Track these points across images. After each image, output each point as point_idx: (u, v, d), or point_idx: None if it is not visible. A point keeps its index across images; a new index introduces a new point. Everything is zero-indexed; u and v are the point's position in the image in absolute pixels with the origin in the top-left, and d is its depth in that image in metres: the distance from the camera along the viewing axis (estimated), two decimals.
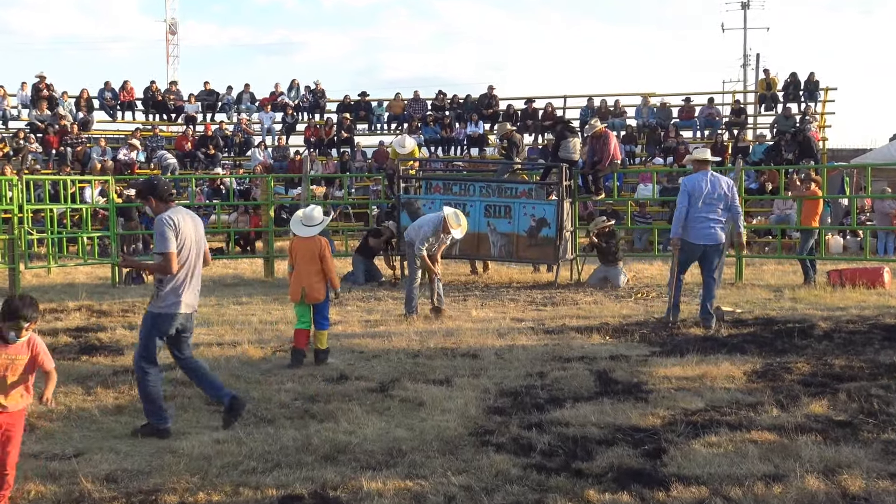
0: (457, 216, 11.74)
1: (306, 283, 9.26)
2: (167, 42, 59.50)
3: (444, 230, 11.67)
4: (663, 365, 8.73)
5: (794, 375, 8.20)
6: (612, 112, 28.13)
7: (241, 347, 9.92)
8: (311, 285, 9.25)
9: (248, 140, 29.23)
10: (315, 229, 9.31)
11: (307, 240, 9.31)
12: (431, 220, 11.87)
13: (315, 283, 9.24)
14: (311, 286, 9.25)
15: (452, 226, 11.58)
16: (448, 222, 11.57)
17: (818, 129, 26.17)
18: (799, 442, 6.07)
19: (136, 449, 6.32)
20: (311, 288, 9.25)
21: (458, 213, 11.86)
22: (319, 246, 9.22)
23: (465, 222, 11.94)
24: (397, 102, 30.14)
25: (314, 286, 9.24)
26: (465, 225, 12.03)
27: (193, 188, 23.24)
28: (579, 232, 17.35)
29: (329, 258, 9.24)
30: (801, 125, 25.68)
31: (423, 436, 6.43)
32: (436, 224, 11.71)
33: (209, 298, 14.02)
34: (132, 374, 8.56)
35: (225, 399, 6.82)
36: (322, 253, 9.20)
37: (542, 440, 6.27)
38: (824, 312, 11.87)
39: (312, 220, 9.36)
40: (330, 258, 9.26)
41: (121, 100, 29.87)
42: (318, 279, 9.24)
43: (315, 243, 9.25)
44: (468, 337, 10.39)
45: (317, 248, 9.22)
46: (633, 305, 13.09)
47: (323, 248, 9.22)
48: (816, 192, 15.71)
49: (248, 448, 6.22)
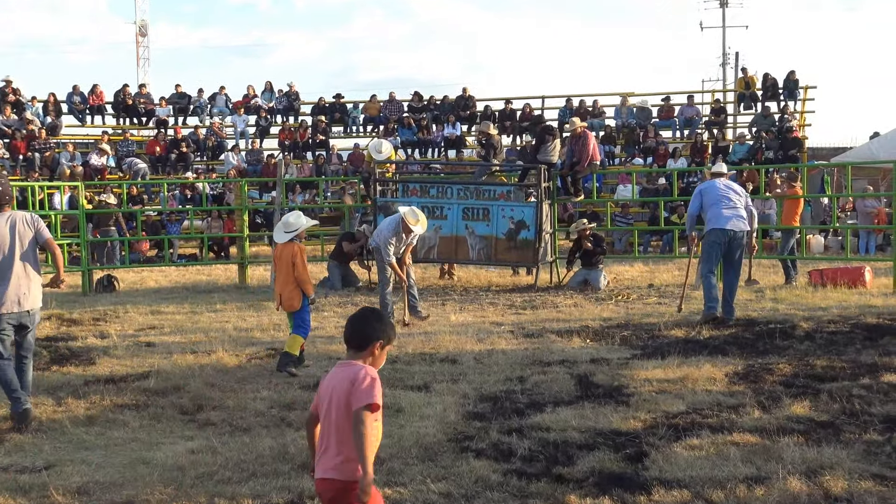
0: (413, 212, 11.71)
1: (282, 290, 9.27)
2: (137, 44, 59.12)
3: (405, 229, 11.63)
4: (644, 367, 8.77)
5: (776, 376, 8.26)
6: (591, 112, 28.22)
7: (215, 355, 9.88)
8: (285, 293, 9.25)
9: (220, 144, 29.11)
10: (290, 235, 9.30)
11: (284, 246, 9.31)
12: (389, 222, 11.88)
13: (289, 291, 9.24)
14: (286, 294, 9.25)
15: (411, 223, 11.52)
16: (406, 220, 11.53)
17: (798, 128, 26.36)
18: (781, 443, 6.12)
19: (109, 460, 6.28)
20: (286, 295, 9.26)
21: (414, 210, 11.83)
22: (292, 252, 9.22)
23: (423, 218, 11.91)
24: (373, 104, 30.12)
25: (288, 294, 9.24)
26: (425, 220, 12.01)
27: (165, 193, 23.15)
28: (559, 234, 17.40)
29: (300, 265, 9.20)
30: (782, 123, 25.88)
31: (401, 442, 6.43)
32: (394, 225, 11.70)
33: (182, 306, 13.97)
34: (104, 384, 8.56)
35: (16, 406, 7.14)
36: (294, 259, 9.19)
37: (522, 445, 6.28)
38: (806, 313, 11.96)
39: (289, 226, 9.35)
40: (301, 265, 9.22)
41: (90, 104, 29.65)
42: (292, 287, 9.23)
43: (289, 249, 9.25)
44: (447, 341, 10.40)
45: (290, 255, 9.22)
46: (613, 308, 13.14)
47: (295, 254, 9.20)
48: (797, 191, 15.84)
49: (223, 457, 6.20)
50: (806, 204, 18.32)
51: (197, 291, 16.10)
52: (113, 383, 8.62)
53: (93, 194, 21.97)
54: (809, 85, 28.35)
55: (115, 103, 30.02)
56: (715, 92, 33.00)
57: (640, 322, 11.59)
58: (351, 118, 30.27)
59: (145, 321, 12.69)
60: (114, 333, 11.66)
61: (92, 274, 16.75)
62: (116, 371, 9.27)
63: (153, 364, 9.54)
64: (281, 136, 29.23)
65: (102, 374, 9.15)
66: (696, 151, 25.64)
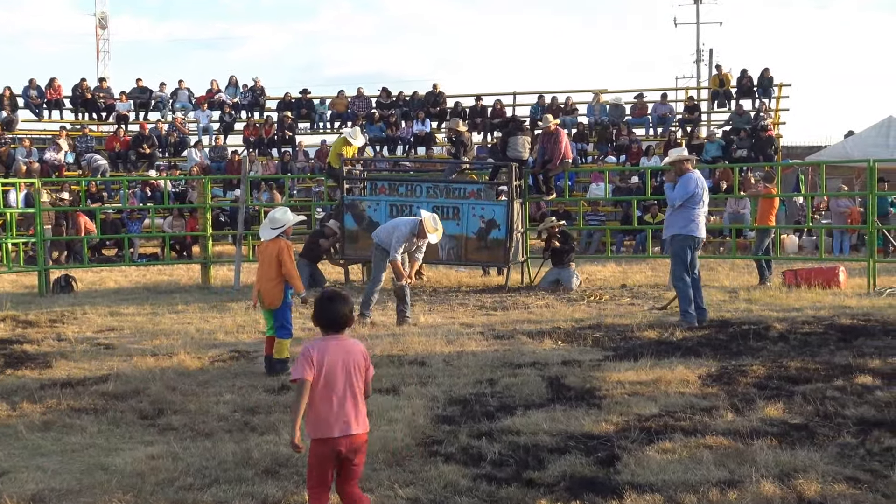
0: (434, 220, 11.71)
1: (262, 286, 9.23)
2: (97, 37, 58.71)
3: (420, 234, 11.61)
4: (617, 370, 8.80)
5: (750, 378, 8.32)
6: (564, 109, 28.31)
7: (177, 357, 9.81)
8: (266, 290, 9.20)
9: (183, 140, 28.93)
10: (277, 231, 9.26)
11: (270, 242, 9.27)
12: (407, 223, 11.81)
13: (270, 288, 9.18)
14: (266, 290, 9.20)
15: (429, 230, 11.53)
16: (424, 225, 11.51)
17: (772, 126, 26.59)
18: (754, 446, 6.16)
19: (65, 467, 6.22)
20: (266, 292, 9.20)
21: (435, 218, 11.84)
22: (278, 248, 9.17)
23: (441, 228, 11.92)
24: (340, 100, 30.04)
25: (269, 291, 9.19)
26: (441, 231, 12.00)
27: (126, 191, 22.98)
28: (530, 233, 17.45)
29: (288, 261, 9.16)
30: (757, 121, 26.10)
31: (368, 447, 6.39)
32: (412, 227, 11.66)
33: (143, 307, 13.87)
34: (61, 387, 8.48)
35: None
36: (280, 256, 9.13)
37: (492, 449, 6.29)
38: (780, 313, 12.06)
39: (276, 222, 9.30)
40: (289, 261, 9.18)
41: (47, 98, 29.33)
42: (273, 283, 9.17)
43: (274, 245, 9.21)
44: (415, 343, 10.39)
45: (275, 251, 9.16)
46: (585, 309, 13.18)
47: (281, 250, 9.16)
48: (771, 190, 15.97)
49: (184, 463, 6.15)
50: (781, 203, 18.49)
51: (158, 292, 15.98)
52: (70, 387, 8.54)
53: (50, 192, 21.76)
54: (784, 83, 28.63)
55: (74, 97, 29.74)
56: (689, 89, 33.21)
57: (613, 323, 11.64)
58: (318, 114, 30.18)
59: (104, 323, 12.58)
60: (71, 335, 11.55)
61: (48, 274, 16.58)
62: (74, 374, 9.18)
63: (112, 367, 9.46)
64: (245, 132, 29.09)
65: (59, 377, 9.06)
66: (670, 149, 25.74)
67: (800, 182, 23.22)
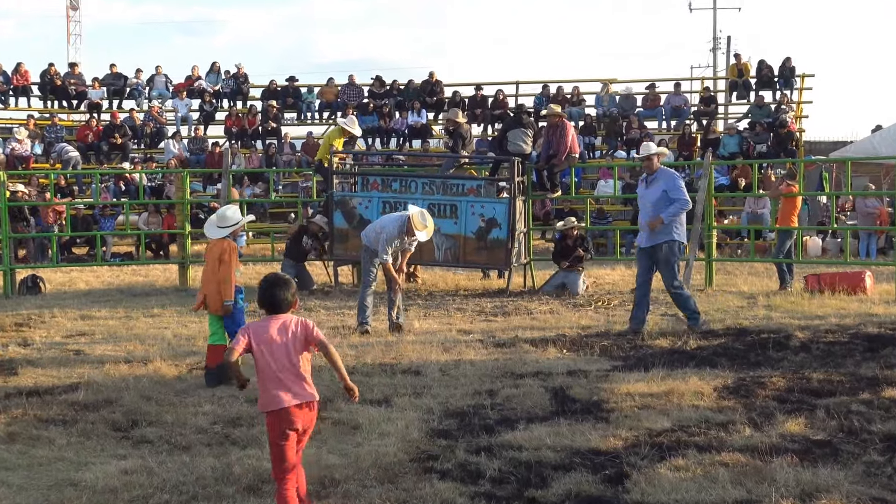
0: (423, 216, 11.55)
1: (208, 289, 9.20)
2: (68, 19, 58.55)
3: (409, 232, 11.47)
4: (626, 381, 8.80)
5: (769, 391, 8.32)
6: (570, 100, 28.35)
7: (152, 365, 9.80)
8: (211, 293, 9.18)
9: (160, 130, 28.91)
10: (226, 230, 9.22)
11: (215, 242, 9.26)
12: (394, 220, 11.66)
13: (216, 292, 9.14)
14: (212, 294, 9.17)
15: (418, 227, 11.36)
16: (412, 222, 11.36)
17: (794, 120, 26.63)
18: (773, 464, 6.17)
19: (31, 482, 6.21)
20: (212, 297, 9.18)
21: (424, 213, 11.68)
22: (222, 249, 9.13)
23: (431, 225, 11.76)
24: (330, 88, 30.04)
25: (214, 295, 9.16)
26: (432, 227, 11.86)
27: (98, 184, 22.97)
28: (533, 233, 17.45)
29: (229, 262, 9.10)
30: (778, 115, 26.13)
31: (358, 462, 6.41)
32: (400, 225, 11.53)
33: (116, 310, 13.86)
34: (27, 396, 8.47)
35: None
36: (223, 256, 9.09)
37: (491, 466, 6.29)
38: (801, 321, 12.06)
39: (226, 221, 9.24)
40: (229, 262, 9.11)
41: (13, 84, 29.33)
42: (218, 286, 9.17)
43: (219, 246, 9.18)
44: (409, 351, 10.39)
45: (219, 252, 9.14)
46: (592, 315, 13.19)
47: (224, 251, 9.11)
48: (793, 189, 15.97)
49: (159, 479, 6.15)
50: (803, 203, 18.50)
51: (132, 294, 15.98)
52: (37, 396, 8.53)
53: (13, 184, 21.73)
54: (807, 73, 28.68)
55: (42, 84, 29.74)
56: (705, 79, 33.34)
57: (622, 330, 11.64)
58: (305, 104, 30.17)
59: (74, 327, 12.57)
60: (39, 340, 11.54)
61: (14, 274, 16.56)
62: (41, 382, 9.17)
63: (82, 375, 9.46)
64: (227, 122, 29.07)
65: (25, 385, 9.05)
66: (684, 144, 25.83)
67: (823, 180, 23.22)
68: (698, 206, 15.85)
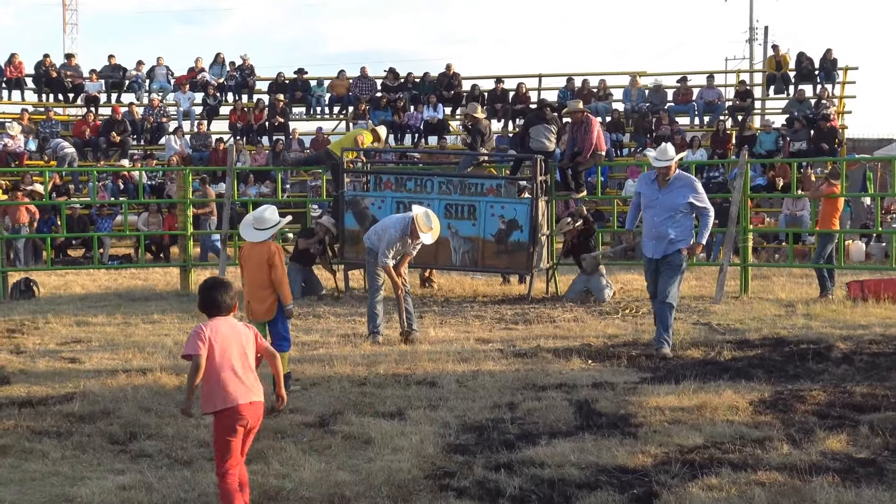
0: (428, 217, 11.53)
1: (253, 296, 9.21)
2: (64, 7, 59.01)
3: (413, 234, 11.46)
4: (655, 394, 8.79)
5: (808, 405, 8.29)
6: (596, 94, 28.31)
7: (152, 375, 9.83)
8: (258, 299, 9.19)
9: (161, 125, 29.01)
10: (267, 233, 9.23)
11: (257, 245, 9.25)
12: (397, 222, 11.68)
13: (265, 297, 9.16)
14: (259, 300, 9.18)
15: (422, 229, 11.34)
16: (417, 224, 11.35)
17: (836, 116, 26.52)
18: (813, 484, 6.14)
19: (24, 497, 6.24)
20: (260, 302, 9.18)
21: (429, 214, 11.67)
22: (269, 252, 9.15)
23: (437, 226, 11.75)
24: (341, 81, 30.08)
25: (263, 300, 9.17)
26: (438, 229, 11.85)
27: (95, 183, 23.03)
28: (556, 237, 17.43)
29: (280, 265, 9.15)
30: (818, 110, 26.02)
31: (370, 479, 6.41)
32: (403, 226, 11.55)
33: (114, 316, 13.91)
34: (19, 407, 8.51)
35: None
36: (272, 260, 9.11)
37: (511, 484, 6.29)
38: (843, 331, 12.02)
39: (264, 223, 9.26)
40: (281, 265, 9.17)
41: (6, 76, 29.50)
42: (268, 292, 9.15)
43: (265, 249, 9.17)
44: (425, 361, 10.40)
45: (266, 255, 9.15)
46: (619, 323, 13.17)
47: (273, 254, 9.14)
48: (835, 189, 15.90)
49: (159, 495, 6.17)
50: (845, 204, 18.42)
51: (131, 299, 16.03)
52: (30, 407, 8.57)
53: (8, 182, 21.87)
54: (850, 66, 28.54)
55: (37, 76, 29.86)
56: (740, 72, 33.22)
57: (651, 340, 11.60)
58: (314, 97, 30.22)
59: (69, 333, 12.62)
60: (32, 347, 11.60)
61: (6, 277, 16.65)
62: (34, 392, 9.21)
63: (78, 384, 9.49)
64: (232, 117, 29.14)
65: (18, 395, 9.09)
66: (718, 141, 25.74)
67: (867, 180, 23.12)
68: (733, 207, 15.82)
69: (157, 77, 30.69)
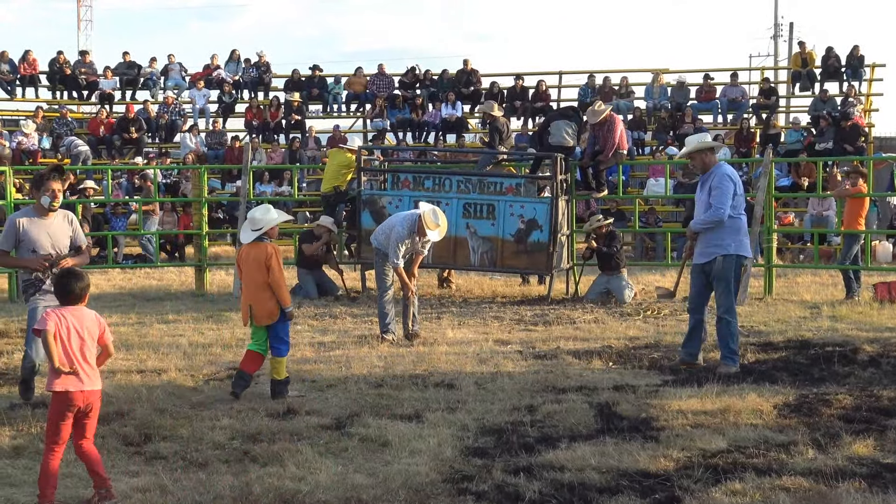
0: (434, 214, 11.55)
1: (253, 299, 9.16)
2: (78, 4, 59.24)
3: (420, 232, 11.50)
4: (678, 397, 8.77)
5: (834, 409, 8.27)
6: (618, 92, 28.25)
7: (167, 375, 9.88)
8: (258, 302, 9.14)
9: (175, 123, 29.08)
10: (258, 233, 9.20)
11: (252, 247, 9.24)
12: (404, 220, 11.71)
13: (265, 300, 9.12)
14: (260, 302, 9.14)
15: (430, 226, 11.38)
16: (424, 221, 11.38)
17: (863, 114, 26.38)
18: (839, 490, 6.13)
19: None
20: (260, 305, 9.14)
21: (436, 211, 11.69)
22: (266, 253, 9.12)
23: (444, 223, 11.78)
24: (358, 79, 30.09)
25: (263, 302, 9.14)
26: (445, 226, 11.88)
27: (109, 181, 23.13)
28: (577, 236, 17.41)
29: (278, 268, 9.09)
30: (844, 108, 25.89)
31: (387, 482, 6.42)
32: (410, 224, 11.57)
33: (128, 316, 13.96)
34: (33, 408, 8.55)
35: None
36: (269, 262, 9.07)
37: (531, 488, 6.28)
38: (870, 333, 11.98)
39: (256, 223, 9.22)
40: (278, 268, 9.11)
41: (21, 73, 29.62)
42: (268, 294, 9.10)
43: (262, 251, 9.14)
44: (443, 363, 10.41)
45: (263, 257, 9.12)
46: (641, 325, 13.15)
47: (269, 255, 9.08)
48: (861, 189, 15.83)
49: (174, 497, 6.19)
50: (872, 204, 18.33)
51: (146, 299, 16.09)
52: (43, 408, 8.56)
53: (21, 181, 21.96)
54: (877, 63, 28.40)
55: (51, 73, 29.97)
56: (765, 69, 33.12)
57: (673, 342, 11.58)
58: (331, 95, 30.24)
59: None
60: None
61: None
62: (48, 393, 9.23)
63: None
64: (248, 115, 29.18)
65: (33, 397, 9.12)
66: (742, 140, 25.66)
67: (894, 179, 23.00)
68: (757, 207, 15.76)
69: (172, 74, 30.73)
